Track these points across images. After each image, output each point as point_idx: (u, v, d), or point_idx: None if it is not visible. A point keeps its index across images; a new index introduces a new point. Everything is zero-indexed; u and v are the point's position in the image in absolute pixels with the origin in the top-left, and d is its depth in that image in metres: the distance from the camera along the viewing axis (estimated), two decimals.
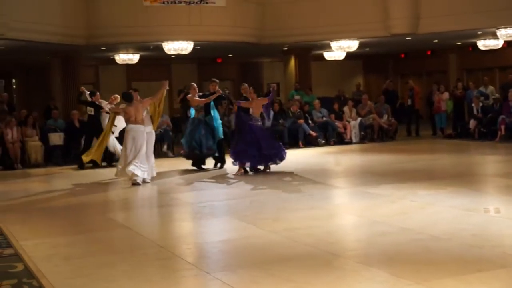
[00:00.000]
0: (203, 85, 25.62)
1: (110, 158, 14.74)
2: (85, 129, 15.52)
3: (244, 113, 12.57)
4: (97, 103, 14.92)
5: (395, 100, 21.91)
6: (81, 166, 14.28)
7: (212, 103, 13.31)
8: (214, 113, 13.43)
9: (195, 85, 13.84)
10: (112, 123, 12.81)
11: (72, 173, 14.13)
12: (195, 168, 13.41)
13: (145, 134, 11.57)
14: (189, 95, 13.56)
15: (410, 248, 6.38)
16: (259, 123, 12.63)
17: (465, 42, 22.77)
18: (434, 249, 6.35)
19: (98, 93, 15.55)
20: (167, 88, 12.42)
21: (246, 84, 13.22)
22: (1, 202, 10.35)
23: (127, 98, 11.77)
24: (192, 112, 13.36)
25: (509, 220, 7.70)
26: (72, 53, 19.20)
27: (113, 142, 14.24)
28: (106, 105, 14.79)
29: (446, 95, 20.19)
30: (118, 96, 14.39)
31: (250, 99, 12.65)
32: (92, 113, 14.93)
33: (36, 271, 5.98)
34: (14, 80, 26.18)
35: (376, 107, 19.73)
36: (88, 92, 15.22)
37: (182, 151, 13.86)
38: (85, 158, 13.82)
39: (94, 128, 14.69)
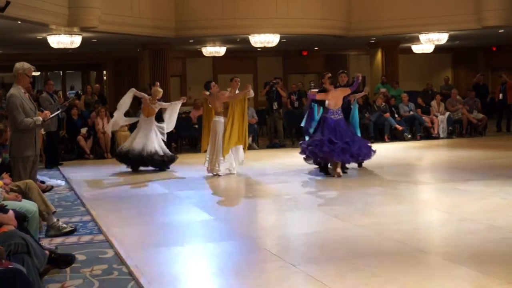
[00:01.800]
0: (289, 78, 25.78)
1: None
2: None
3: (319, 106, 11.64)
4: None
5: (486, 94, 21.33)
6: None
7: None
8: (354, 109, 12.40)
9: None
10: (206, 112, 12.48)
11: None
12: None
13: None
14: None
15: (500, 247, 6.23)
16: (338, 116, 11.24)
17: None
18: None
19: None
20: (249, 92, 11.80)
21: (329, 74, 11.98)
22: (92, 190, 10.66)
23: (205, 87, 12.04)
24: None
25: None
26: (161, 45, 19.57)
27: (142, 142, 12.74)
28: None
29: None
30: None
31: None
32: None
33: (126, 258, 6.12)
34: (105, 72, 26.91)
35: (465, 101, 19.29)
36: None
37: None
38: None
39: None
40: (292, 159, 13.25)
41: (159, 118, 13.26)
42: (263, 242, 6.83)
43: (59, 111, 13.08)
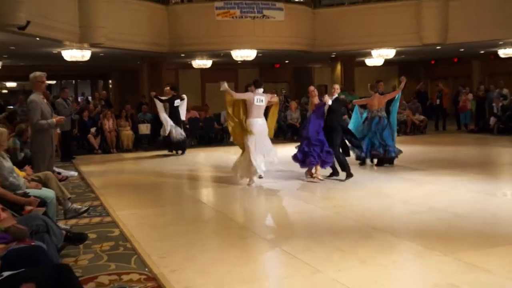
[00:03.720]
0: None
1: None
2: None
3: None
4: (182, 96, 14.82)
5: (426, 100, 21.52)
6: None
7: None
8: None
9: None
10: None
11: (157, 156, 14.37)
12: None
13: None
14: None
15: (438, 225, 6.30)
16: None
17: (488, 50, 22.13)
18: (459, 226, 6.24)
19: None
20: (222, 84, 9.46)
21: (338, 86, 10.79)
22: (101, 179, 10.59)
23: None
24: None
25: None
26: (158, 59, 19.49)
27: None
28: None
29: (470, 96, 19.78)
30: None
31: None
32: (178, 105, 14.48)
33: (130, 236, 6.12)
34: (110, 81, 26.73)
35: (409, 105, 19.46)
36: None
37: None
38: None
39: (178, 117, 14.54)
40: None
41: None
42: (243, 222, 6.85)
43: (71, 113, 13.06)
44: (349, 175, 9.59)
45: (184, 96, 14.91)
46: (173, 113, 14.40)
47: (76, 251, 5.56)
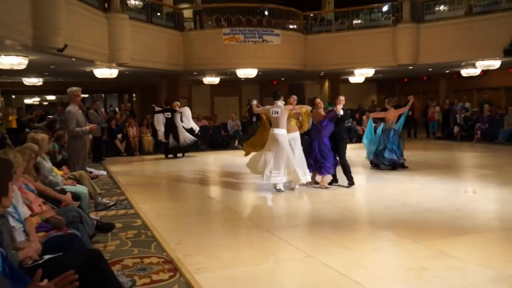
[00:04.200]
0: (264, 100, 25.77)
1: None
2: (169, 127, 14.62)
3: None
4: (175, 108, 14.76)
5: None
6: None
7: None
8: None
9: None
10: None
11: (172, 159, 14.35)
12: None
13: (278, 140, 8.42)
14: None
15: (410, 218, 6.30)
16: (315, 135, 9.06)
17: (452, 70, 22.14)
18: (428, 218, 6.25)
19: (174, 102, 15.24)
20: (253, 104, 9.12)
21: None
22: (126, 177, 10.59)
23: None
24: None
25: (483, 199, 7.51)
26: (174, 76, 19.47)
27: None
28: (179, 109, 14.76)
29: (437, 108, 19.80)
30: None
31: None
32: (170, 116, 14.53)
33: (150, 226, 6.13)
34: (134, 95, 26.72)
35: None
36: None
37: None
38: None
39: (172, 126, 14.50)
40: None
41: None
42: (246, 214, 6.83)
43: (101, 122, 13.03)
44: (352, 183, 8.81)
45: (182, 109, 14.79)
46: (167, 123, 14.46)
47: (105, 238, 5.57)
